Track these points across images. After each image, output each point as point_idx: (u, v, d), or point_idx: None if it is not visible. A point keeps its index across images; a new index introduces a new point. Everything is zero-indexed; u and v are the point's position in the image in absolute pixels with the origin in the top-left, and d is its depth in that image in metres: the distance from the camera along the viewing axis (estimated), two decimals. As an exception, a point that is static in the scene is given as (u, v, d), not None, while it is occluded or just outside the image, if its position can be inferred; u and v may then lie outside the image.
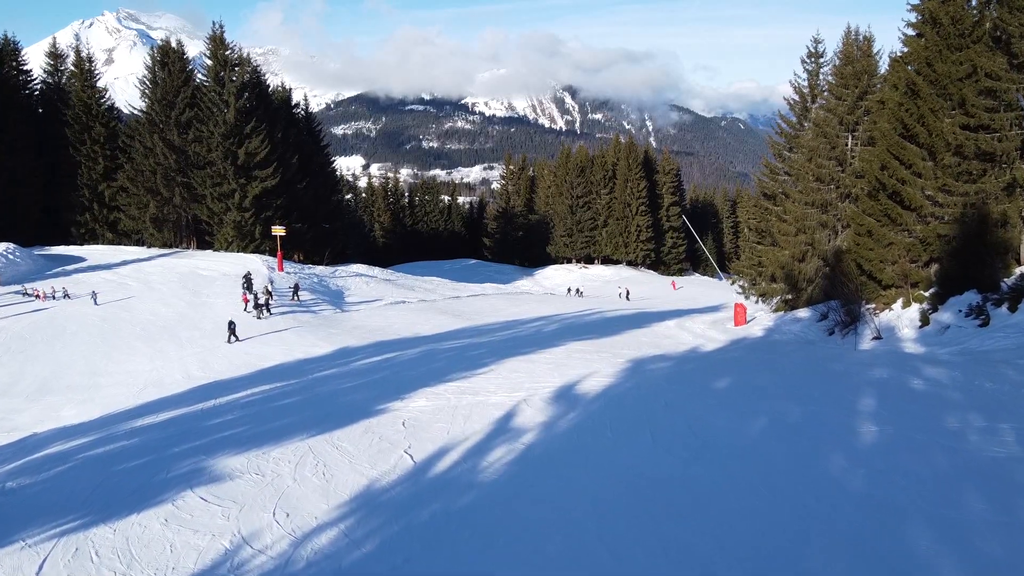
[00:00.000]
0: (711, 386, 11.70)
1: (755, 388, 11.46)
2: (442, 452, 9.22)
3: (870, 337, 18.54)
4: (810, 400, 10.07)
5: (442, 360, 17.42)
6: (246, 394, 14.41)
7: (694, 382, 12.17)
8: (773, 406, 9.78)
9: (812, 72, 28.73)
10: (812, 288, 25.81)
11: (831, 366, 13.46)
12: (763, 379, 12.21)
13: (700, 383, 12.04)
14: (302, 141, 45.17)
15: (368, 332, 23.62)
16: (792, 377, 12.59)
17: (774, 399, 10.28)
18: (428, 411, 11.67)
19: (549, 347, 18.92)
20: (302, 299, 29.17)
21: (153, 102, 38.44)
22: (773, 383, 11.77)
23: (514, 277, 67.23)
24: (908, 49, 21.28)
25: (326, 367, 17.44)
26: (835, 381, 11.73)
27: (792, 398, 10.27)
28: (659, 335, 22.89)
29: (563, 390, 12.12)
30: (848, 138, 25.07)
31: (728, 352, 17.97)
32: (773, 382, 11.86)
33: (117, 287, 30.54)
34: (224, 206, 37.78)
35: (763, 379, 12.21)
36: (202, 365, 19.29)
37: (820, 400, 10.05)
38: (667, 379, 12.40)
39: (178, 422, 12.47)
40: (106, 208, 40.88)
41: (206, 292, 29.62)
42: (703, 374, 13.21)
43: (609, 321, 28.05)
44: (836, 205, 25.13)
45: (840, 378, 11.99)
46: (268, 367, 18.36)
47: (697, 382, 12.18)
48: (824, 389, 10.98)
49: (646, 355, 16.85)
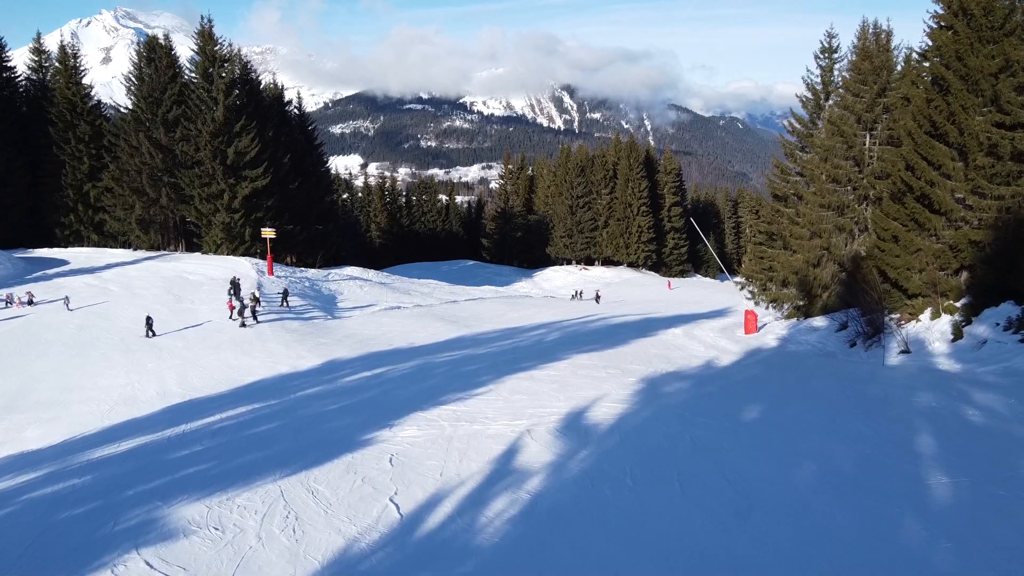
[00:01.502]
0: (739, 417, 10.41)
1: (790, 420, 10.15)
2: (434, 502, 7.93)
3: (897, 351, 17.26)
4: (858, 438, 8.79)
5: (437, 376, 16.12)
6: (220, 418, 13.10)
7: (719, 412, 10.86)
8: (818, 447, 8.49)
9: (825, 68, 27.42)
10: (828, 295, 24.55)
11: (867, 389, 12.18)
12: (796, 408, 10.92)
13: (726, 413, 10.74)
14: (295, 140, 43.82)
15: (360, 342, 22.33)
16: (827, 404, 11.30)
17: (816, 436, 9.00)
18: (419, 443, 10.38)
19: (552, 360, 17.62)
20: (292, 305, 27.88)
21: (139, 99, 37.08)
22: (808, 413, 10.50)
23: (513, 279, 65.89)
24: (933, 42, 19.99)
25: (311, 384, 16.14)
26: (878, 411, 10.45)
27: (836, 435, 8.99)
28: (668, 345, 21.61)
29: (571, 419, 10.82)
30: (866, 137, 23.80)
31: (746, 368, 16.68)
32: (808, 412, 10.59)
33: (99, 292, 29.24)
34: (213, 207, 36.43)
35: (796, 408, 10.92)
36: (180, 380, 18.00)
37: (870, 438, 8.77)
38: (688, 407, 11.09)
39: (140, 453, 11.16)
40: (91, 209, 39.53)
41: (191, 298, 28.31)
42: (727, 400, 11.91)
43: (614, 329, 26.76)
44: (854, 208, 23.86)
45: (882, 406, 10.72)
46: (250, 383, 17.07)
47: (722, 412, 10.86)
48: (869, 422, 9.69)
49: (658, 372, 15.56)
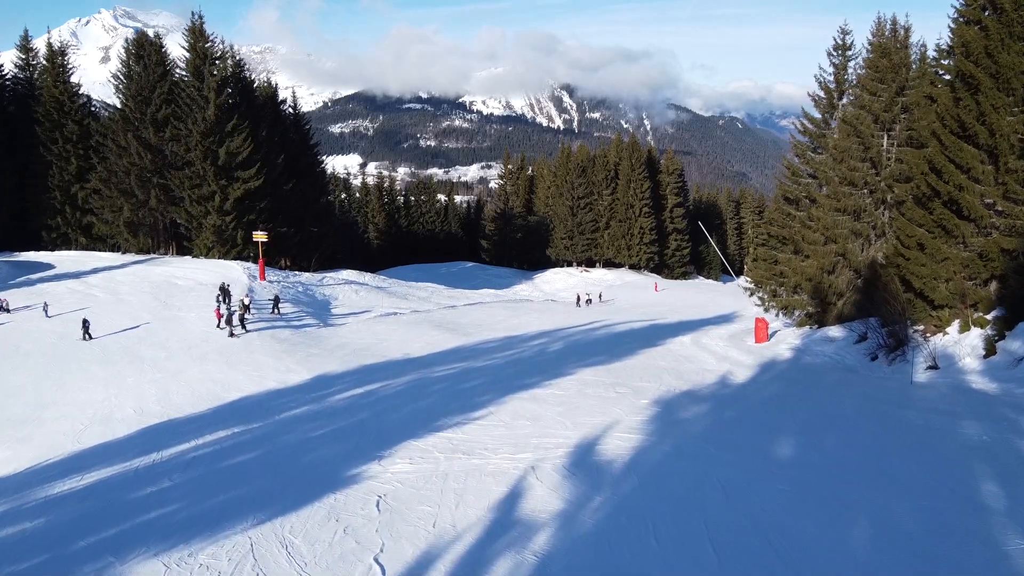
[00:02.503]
0: (770, 453, 9.35)
1: (829, 460, 9.01)
2: (425, 562, 6.85)
3: (924, 366, 16.19)
4: (911, 485, 7.73)
5: (432, 395, 15.04)
6: (196, 444, 12.02)
7: (746, 446, 9.77)
8: (866, 496, 7.43)
9: (839, 66, 26.32)
10: (843, 303, 23.48)
11: (905, 416, 11.12)
12: (831, 440, 9.85)
13: (754, 447, 9.66)
14: (289, 140, 42.70)
15: (353, 353, 21.24)
16: (865, 436, 10.22)
17: (861, 481, 7.92)
18: (411, 480, 9.30)
19: (556, 376, 16.54)
20: (283, 312, 26.75)
21: (127, 98, 35.90)
22: (847, 448, 9.43)
23: (513, 281, 64.77)
24: (958, 39, 18.91)
25: (298, 402, 15.05)
26: (924, 445, 9.39)
27: (884, 479, 7.92)
28: (677, 356, 20.53)
29: (580, 453, 9.74)
30: (883, 138, 22.72)
31: (765, 385, 15.60)
32: (846, 446, 9.52)
33: (83, 298, 28.10)
34: (203, 209, 35.29)
35: (831, 440, 9.85)
36: (160, 396, 16.89)
37: (924, 485, 7.70)
38: (710, 439, 10.03)
39: (103, 490, 10.08)
40: (79, 211, 38.37)
41: (178, 305, 27.18)
42: (752, 430, 10.82)
43: (618, 338, 25.70)
44: (871, 212, 22.79)
45: (927, 439, 9.66)
46: (233, 400, 15.98)
47: (750, 445, 9.78)
48: (919, 463, 8.60)
49: (671, 391, 14.47)
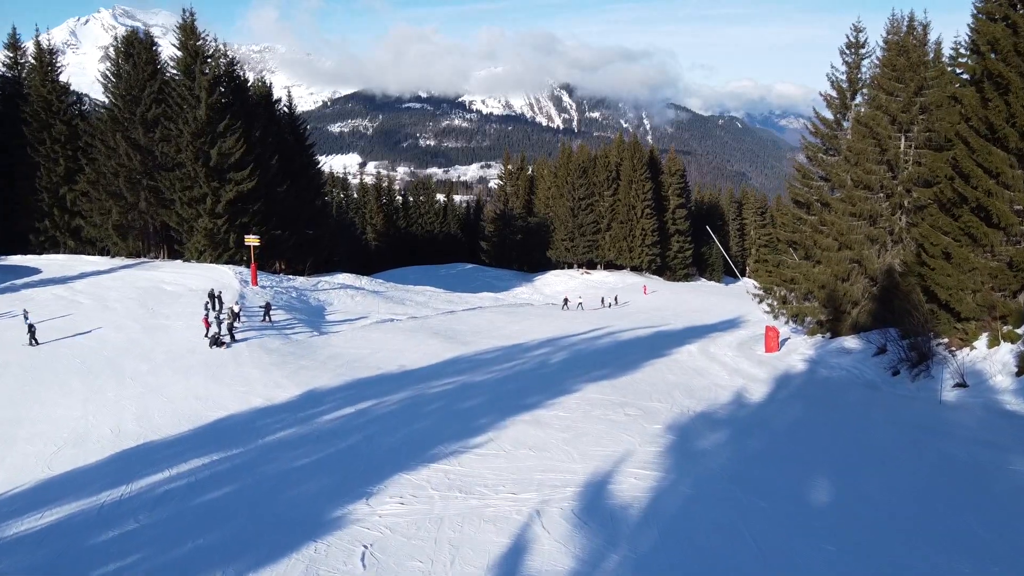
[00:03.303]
0: (806, 498, 8.37)
1: (875, 510, 7.89)
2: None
3: (951, 383, 15.23)
4: (973, 543, 6.75)
5: (428, 416, 14.05)
6: (169, 475, 11.03)
7: (777, 487, 8.79)
8: (930, 559, 6.43)
9: (852, 64, 25.37)
10: (858, 312, 22.52)
11: (945, 448, 10.15)
12: (871, 482, 8.86)
13: (786, 491, 8.66)
14: (284, 140, 41.66)
15: (345, 365, 20.24)
16: (907, 475, 9.24)
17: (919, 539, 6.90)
18: (402, 526, 8.32)
19: (560, 394, 15.57)
20: (275, 320, 25.73)
21: (116, 97, 34.85)
22: (891, 493, 8.44)
23: (513, 283, 63.79)
24: (981, 35, 17.92)
25: (284, 424, 14.05)
26: (975, 488, 8.42)
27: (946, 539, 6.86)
28: (686, 368, 19.57)
29: (590, 493, 8.76)
30: (900, 139, 21.76)
31: (784, 406, 14.63)
32: (889, 490, 8.53)
33: (67, 305, 27.05)
34: (195, 212, 34.27)
35: (871, 482, 8.86)
36: (140, 414, 15.86)
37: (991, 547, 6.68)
38: (735, 477, 9.05)
39: (61, 533, 9.09)
40: (67, 214, 37.29)
41: (165, 312, 26.15)
42: (780, 466, 9.82)
43: (623, 347, 24.72)
44: (888, 217, 21.82)
45: (976, 479, 8.70)
46: (216, 420, 14.97)
47: (780, 488, 8.79)
48: (974, 510, 7.63)
49: (685, 413, 13.50)
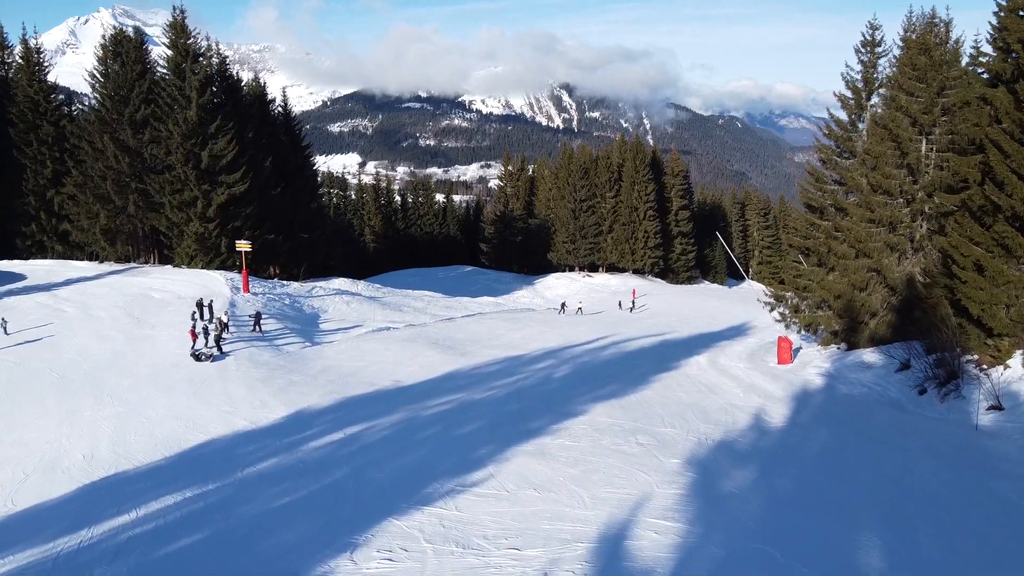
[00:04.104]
0: (855, 561, 7.29)
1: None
2: None
3: (985, 405, 14.17)
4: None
5: (423, 445, 12.99)
6: (136, 517, 9.98)
7: (819, 546, 7.72)
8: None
9: (868, 63, 24.28)
10: (876, 323, 21.45)
11: (997, 489, 9.10)
12: (924, 537, 7.82)
13: (831, 551, 7.60)
14: (279, 141, 40.57)
15: (337, 380, 19.17)
16: (962, 526, 8.20)
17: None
18: (389, 591, 7.26)
19: (565, 417, 14.53)
20: (265, 330, 24.65)
21: (104, 97, 33.75)
22: (949, 552, 7.42)
23: (513, 287, 62.72)
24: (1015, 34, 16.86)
25: (266, 452, 12.99)
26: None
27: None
28: (697, 384, 18.50)
29: (606, 553, 7.69)
30: (922, 142, 20.68)
31: (808, 431, 13.56)
32: (948, 549, 7.50)
33: (50, 314, 25.99)
34: (185, 216, 33.18)
35: (924, 537, 7.82)
36: (115, 438, 14.79)
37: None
38: (770, 534, 7.98)
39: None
40: (55, 218, 36.21)
41: (152, 322, 25.08)
42: (819, 517, 8.71)
43: (628, 359, 23.65)
44: (908, 224, 20.75)
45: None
46: (194, 446, 13.91)
47: (823, 545, 7.71)
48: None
49: (703, 443, 12.44)
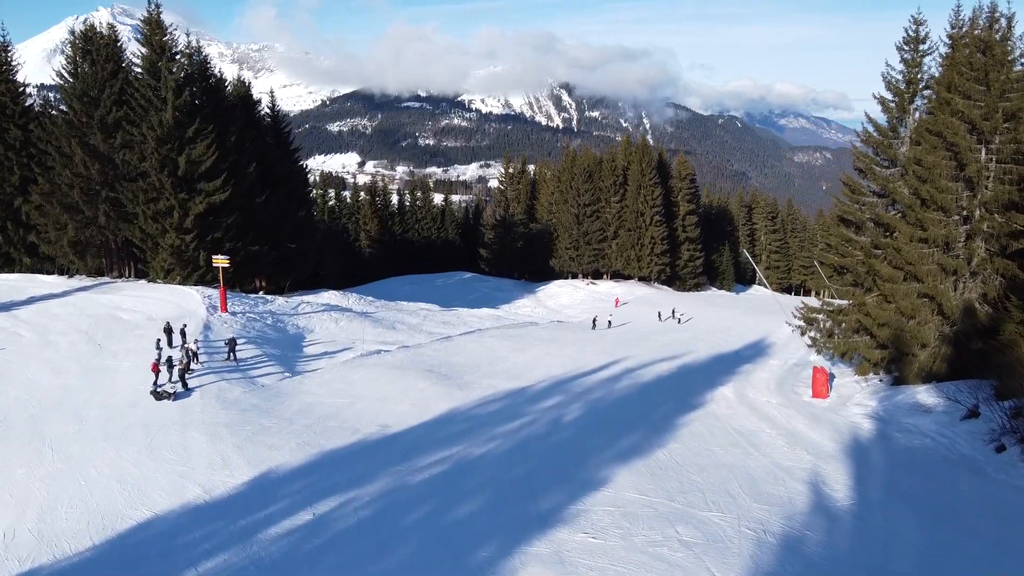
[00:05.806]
0: None
1: None
2: None
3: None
4: None
5: (407, 538, 10.47)
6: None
7: None
8: None
9: (911, 63, 21.84)
10: (927, 355, 18.97)
11: None
12: None
13: None
14: (265, 144, 38.03)
15: (316, 424, 16.62)
16: None
17: None
18: None
19: (584, 491, 12.06)
20: (241, 358, 22.08)
21: (72, 99, 31.21)
22: None
23: (514, 295, 60.17)
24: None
25: (211, 545, 10.46)
26: None
27: None
28: (734, 435, 15.92)
29: None
30: (981, 151, 18.21)
31: (885, 514, 11.05)
32: None
33: (6, 338, 23.56)
34: (160, 227, 30.65)
35: None
36: (44, 509, 12.33)
37: None
38: None
39: None
40: (22, 228, 33.62)
41: (114, 349, 22.54)
42: None
43: (647, 392, 21.16)
44: (966, 244, 18.27)
45: None
46: (131, 528, 11.42)
47: None
48: None
49: (764, 540, 9.97)
